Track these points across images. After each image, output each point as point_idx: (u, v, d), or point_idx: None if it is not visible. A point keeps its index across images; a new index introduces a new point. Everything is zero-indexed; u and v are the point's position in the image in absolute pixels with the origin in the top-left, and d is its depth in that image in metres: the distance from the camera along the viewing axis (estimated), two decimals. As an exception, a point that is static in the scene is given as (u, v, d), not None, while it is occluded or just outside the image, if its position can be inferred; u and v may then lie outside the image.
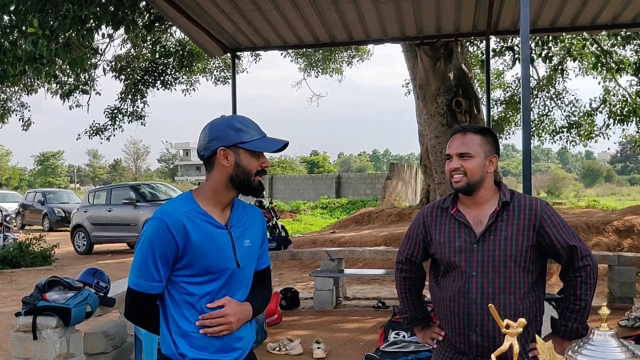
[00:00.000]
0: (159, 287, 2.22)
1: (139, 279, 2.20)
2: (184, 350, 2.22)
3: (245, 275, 2.34)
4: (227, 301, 2.24)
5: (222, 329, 2.22)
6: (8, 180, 69.53)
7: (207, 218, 2.23)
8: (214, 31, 7.50)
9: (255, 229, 2.40)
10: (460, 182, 2.55)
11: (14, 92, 16.06)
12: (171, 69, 16.10)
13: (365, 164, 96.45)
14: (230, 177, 2.24)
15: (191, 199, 2.27)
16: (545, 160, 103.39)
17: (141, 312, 2.30)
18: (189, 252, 2.18)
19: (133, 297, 2.24)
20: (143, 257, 2.18)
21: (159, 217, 2.18)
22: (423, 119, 13.05)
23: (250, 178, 2.25)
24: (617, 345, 1.47)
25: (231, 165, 2.23)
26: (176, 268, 2.21)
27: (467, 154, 2.55)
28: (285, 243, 8.89)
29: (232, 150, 2.23)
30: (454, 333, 2.60)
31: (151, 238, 2.17)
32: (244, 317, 2.29)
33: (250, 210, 2.43)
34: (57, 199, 26.51)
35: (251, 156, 2.24)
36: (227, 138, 2.23)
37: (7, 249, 14.01)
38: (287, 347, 6.00)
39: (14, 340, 4.78)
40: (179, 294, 2.23)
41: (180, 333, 2.23)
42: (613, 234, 10.38)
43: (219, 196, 2.28)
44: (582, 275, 2.50)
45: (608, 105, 16.77)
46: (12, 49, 6.90)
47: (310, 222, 23.05)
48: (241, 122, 2.28)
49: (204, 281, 2.23)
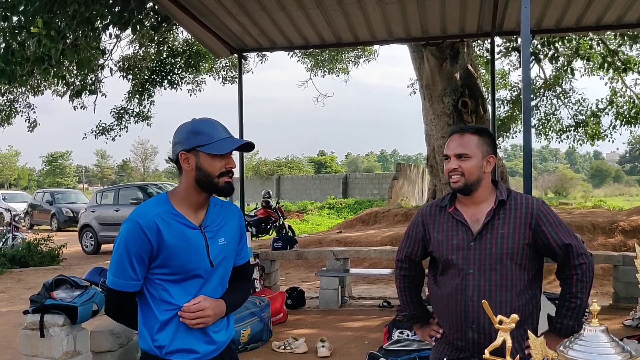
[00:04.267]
0: (136, 285, 2.29)
1: (116, 278, 2.28)
2: (161, 343, 2.31)
3: (219, 273, 2.41)
4: (202, 299, 2.31)
5: (198, 322, 2.29)
6: (17, 180, 69.83)
7: (180, 219, 2.30)
8: (220, 32, 7.54)
9: (232, 226, 2.46)
10: (458, 183, 2.59)
11: (21, 93, 16.11)
12: (178, 69, 16.15)
13: (373, 164, 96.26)
14: (195, 180, 2.31)
15: (166, 201, 2.34)
16: (553, 160, 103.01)
17: (120, 309, 2.39)
18: (162, 251, 2.25)
19: (111, 295, 2.33)
20: (119, 257, 2.26)
21: (134, 219, 2.26)
22: (429, 119, 13.07)
23: (213, 180, 2.30)
24: (608, 341, 1.49)
25: (192, 168, 2.30)
26: (152, 267, 2.29)
27: (464, 154, 2.59)
28: (291, 242, 8.94)
29: (193, 154, 2.29)
30: (451, 330, 2.64)
31: (126, 239, 2.25)
32: (219, 313, 2.37)
33: (227, 209, 2.50)
34: (65, 199, 26.59)
35: (212, 158, 2.28)
36: (186, 142, 2.30)
37: (15, 249, 14.11)
38: (292, 346, 6.04)
39: (22, 337, 4.85)
40: (155, 291, 2.31)
41: (158, 328, 2.31)
42: (619, 234, 10.36)
43: (191, 198, 2.34)
44: (578, 274, 2.53)
45: (615, 107, 16.74)
46: (20, 49, 6.97)
47: (317, 222, 23.06)
48: (202, 125, 2.33)
49: (178, 279, 2.30)
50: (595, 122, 17.40)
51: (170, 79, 16.01)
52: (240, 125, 8.17)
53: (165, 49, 15.43)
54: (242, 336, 6.05)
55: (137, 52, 15.80)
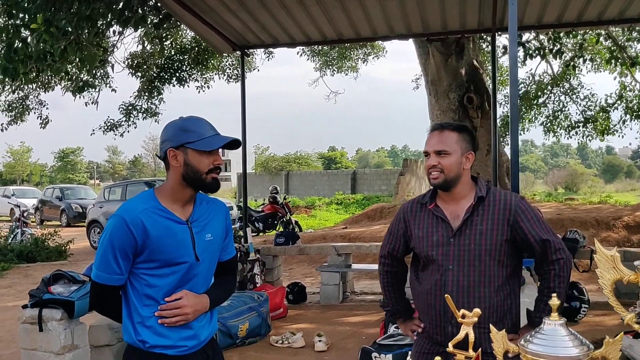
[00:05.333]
0: (119, 280, 2.33)
1: (100, 271, 2.32)
2: (144, 337, 2.35)
3: (205, 268, 2.44)
4: (183, 294, 2.35)
5: (178, 319, 2.33)
6: (29, 176, 70.29)
7: (166, 214, 2.34)
8: (222, 29, 7.57)
9: (218, 222, 2.50)
10: (438, 179, 2.61)
11: (32, 90, 16.21)
12: (186, 66, 16.20)
13: (383, 160, 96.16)
14: (183, 176, 2.35)
15: (153, 197, 2.38)
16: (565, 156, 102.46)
17: (104, 303, 2.44)
18: (148, 247, 2.29)
19: (96, 288, 2.38)
20: (104, 251, 2.30)
21: (120, 215, 2.30)
22: (435, 115, 13.04)
23: (201, 176, 2.34)
24: (566, 334, 1.52)
25: (180, 164, 2.34)
26: (137, 261, 2.33)
27: (444, 151, 2.61)
28: (293, 238, 8.96)
29: (181, 151, 2.33)
30: (431, 325, 2.68)
31: (111, 234, 2.29)
32: (201, 309, 2.41)
33: (214, 205, 2.54)
34: (74, 195, 26.73)
35: (200, 155, 2.32)
36: (175, 139, 2.34)
37: (23, 244, 14.23)
38: (290, 340, 6.08)
39: (21, 331, 4.91)
40: (140, 285, 2.35)
41: (141, 322, 2.35)
42: (623, 229, 10.32)
43: (177, 193, 2.38)
44: (556, 269, 2.56)
45: (625, 101, 16.63)
46: (23, 47, 7.03)
47: (325, 218, 23.10)
48: (190, 122, 2.38)
49: (164, 273, 2.34)
50: (604, 118, 17.30)
51: (179, 76, 16.07)
52: (242, 121, 8.18)
53: (171, 46, 15.47)
54: (240, 330, 6.10)
55: (145, 49, 15.86)
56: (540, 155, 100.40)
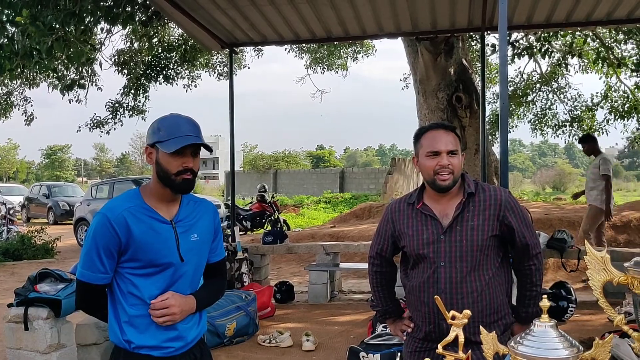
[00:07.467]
0: (104, 278, 2.31)
1: (84, 270, 2.31)
2: (130, 337, 2.32)
3: (190, 269, 2.41)
4: (170, 295, 2.33)
5: (165, 320, 2.31)
6: (16, 173, 69.81)
7: (151, 213, 2.32)
8: (210, 26, 7.55)
9: (205, 223, 2.47)
10: (448, 180, 2.58)
11: (17, 86, 16.07)
12: (174, 64, 16.11)
13: (372, 159, 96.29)
14: (157, 175, 2.33)
15: (137, 195, 2.36)
16: (552, 155, 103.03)
17: (89, 302, 2.42)
18: (131, 245, 2.27)
19: (80, 287, 2.36)
20: (88, 250, 2.29)
21: (103, 213, 2.28)
22: (423, 114, 13.03)
23: (170, 177, 2.30)
24: (557, 336, 1.52)
25: (154, 163, 2.33)
26: (122, 260, 2.30)
27: (455, 151, 2.61)
28: (281, 237, 8.94)
29: (154, 149, 2.32)
30: (424, 322, 2.68)
31: (95, 233, 2.27)
32: (188, 310, 2.38)
33: (202, 205, 2.51)
34: (61, 192, 26.57)
35: (169, 156, 2.28)
36: (150, 137, 2.34)
37: (9, 242, 14.12)
38: (277, 340, 6.06)
39: (7, 330, 4.88)
40: (125, 285, 2.33)
41: (126, 321, 2.33)
42: (609, 229, 10.35)
43: (159, 192, 2.36)
44: (536, 264, 2.65)
45: (609, 101, 16.75)
46: (9, 43, 6.96)
47: (313, 217, 23.08)
48: (166, 121, 2.34)
49: (148, 273, 2.32)
50: (590, 117, 17.43)
51: (166, 74, 15.97)
52: (231, 118, 8.15)
53: (158, 44, 15.38)
54: (228, 330, 6.08)
55: (132, 47, 15.76)
56: (528, 155, 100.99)
